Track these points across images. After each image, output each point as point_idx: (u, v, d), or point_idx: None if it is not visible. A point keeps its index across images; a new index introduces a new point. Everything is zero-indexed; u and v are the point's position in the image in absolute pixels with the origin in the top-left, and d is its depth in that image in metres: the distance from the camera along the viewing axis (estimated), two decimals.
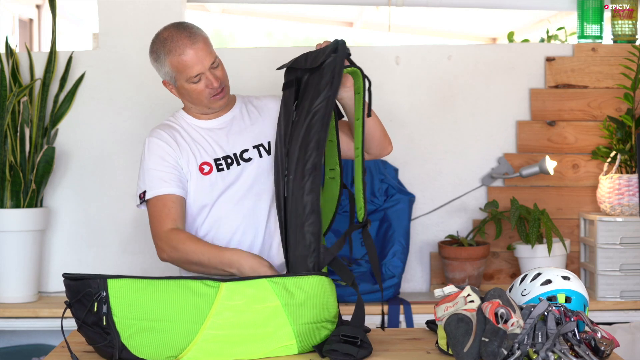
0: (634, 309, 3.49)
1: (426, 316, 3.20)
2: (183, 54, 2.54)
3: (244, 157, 2.63)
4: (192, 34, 2.57)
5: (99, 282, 2.06)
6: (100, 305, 2.06)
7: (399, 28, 6.18)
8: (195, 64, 2.55)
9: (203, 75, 2.57)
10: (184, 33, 2.56)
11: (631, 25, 3.81)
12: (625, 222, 3.52)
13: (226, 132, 2.67)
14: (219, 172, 2.61)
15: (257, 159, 2.63)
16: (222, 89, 2.61)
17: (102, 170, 3.78)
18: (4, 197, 3.53)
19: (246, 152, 2.63)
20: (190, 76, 2.55)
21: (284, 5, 5.50)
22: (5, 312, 3.46)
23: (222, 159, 2.62)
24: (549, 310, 2.01)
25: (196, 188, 2.60)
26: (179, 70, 2.56)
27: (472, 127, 3.81)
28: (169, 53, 2.55)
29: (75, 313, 2.12)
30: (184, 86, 2.59)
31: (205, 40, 2.59)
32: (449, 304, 2.07)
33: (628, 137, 3.63)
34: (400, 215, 3.60)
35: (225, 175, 2.60)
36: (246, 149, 2.63)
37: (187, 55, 2.54)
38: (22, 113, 3.55)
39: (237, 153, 2.63)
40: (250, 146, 2.64)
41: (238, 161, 2.62)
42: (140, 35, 3.76)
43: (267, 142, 2.65)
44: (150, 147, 2.63)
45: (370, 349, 2.14)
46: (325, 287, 2.17)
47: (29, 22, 7.41)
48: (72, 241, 3.78)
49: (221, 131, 2.67)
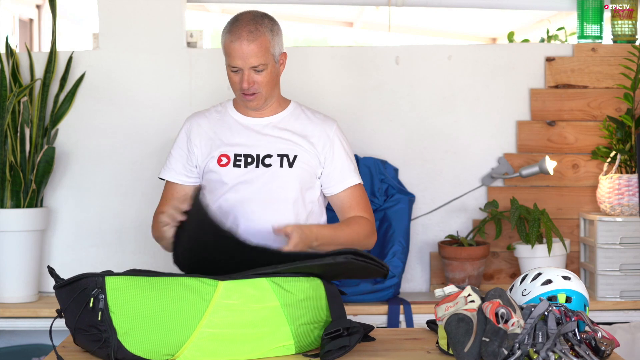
0: (633, 309, 3.49)
1: (426, 316, 3.20)
2: (234, 41, 2.58)
3: (265, 163, 2.64)
4: (255, 31, 2.58)
5: (96, 279, 2.07)
6: (96, 301, 2.06)
7: (399, 28, 6.18)
8: (239, 57, 2.58)
9: (241, 71, 2.60)
10: (250, 26, 2.58)
11: (631, 25, 3.81)
12: (625, 222, 3.52)
13: (257, 131, 2.68)
14: (235, 168, 2.62)
15: (277, 168, 2.64)
16: (254, 94, 2.62)
17: (102, 170, 3.78)
18: (4, 197, 3.53)
19: (269, 157, 2.64)
20: (230, 64, 2.61)
21: (284, 5, 5.50)
22: (5, 312, 3.46)
23: (243, 156, 2.63)
24: (550, 310, 2.01)
25: (210, 177, 2.66)
26: (226, 53, 2.62)
27: (472, 127, 3.81)
28: (227, 33, 2.61)
29: (68, 321, 2.12)
30: (228, 68, 2.64)
31: (264, 42, 2.58)
32: (449, 304, 2.07)
33: (628, 137, 3.63)
34: (400, 215, 3.60)
35: (240, 173, 2.62)
36: (270, 155, 2.64)
37: (235, 45, 2.57)
38: (22, 113, 3.55)
39: (260, 155, 2.64)
40: (275, 154, 2.65)
41: (258, 163, 2.63)
42: (140, 35, 3.77)
43: (293, 156, 2.65)
44: (179, 132, 2.76)
45: (360, 329, 2.15)
46: (321, 288, 2.17)
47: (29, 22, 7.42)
48: (72, 241, 3.78)
49: (253, 130, 2.68)
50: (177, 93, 3.77)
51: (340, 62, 3.80)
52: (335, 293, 2.21)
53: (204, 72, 3.77)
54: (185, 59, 3.77)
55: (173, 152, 2.74)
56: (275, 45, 2.64)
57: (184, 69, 3.77)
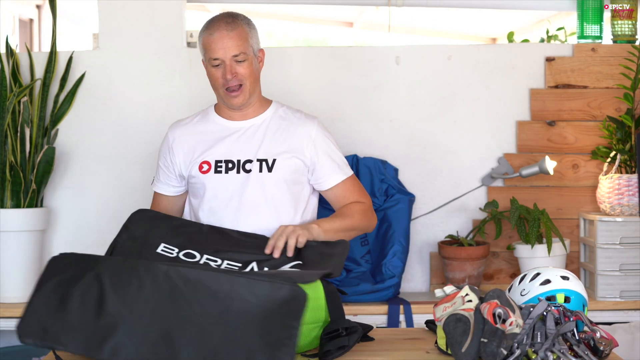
0: (633, 309, 3.49)
1: (426, 316, 3.19)
2: (212, 34, 2.62)
3: (245, 168, 2.64)
4: (233, 22, 2.64)
5: None
6: None
7: (398, 28, 6.18)
8: (219, 47, 2.61)
9: (223, 63, 2.62)
10: (227, 19, 2.64)
11: (631, 25, 3.81)
12: (625, 222, 3.52)
13: (238, 136, 2.70)
14: (216, 174, 2.63)
15: (257, 173, 2.64)
16: (240, 86, 2.63)
17: (102, 170, 3.78)
18: (4, 197, 3.53)
19: (249, 162, 2.65)
20: (211, 57, 2.63)
21: (284, 5, 5.51)
22: (6, 312, 3.46)
23: (224, 162, 2.64)
24: (548, 310, 2.02)
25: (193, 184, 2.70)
26: (205, 49, 2.65)
27: (472, 127, 3.81)
28: (205, 30, 2.67)
29: None
30: (208, 67, 2.67)
31: (243, 33, 2.64)
32: (447, 304, 2.08)
33: (628, 137, 3.63)
34: (400, 215, 3.60)
35: (221, 179, 2.63)
36: (249, 160, 2.65)
37: (214, 36, 2.62)
38: (22, 113, 3.55)
39: (241, 160, 2.65)
40: (255, 158, 2.65)
41: (238, 169, 2.64)
42: (140, 35, 3.77)
43: (272, 160, 2.66)
44: (162, 143, 2.83)
45: (359, 329, 2.15)
46: (320, 288, 2.17)
47: (29, 22, 7.43)
48: (72, 241, 3.78)
49: (236, 134, 2.70)
50: (177, 93, 3.77)
51: (340, 62, 3.80)
52: (334, 293, 2.21)
53: (204, 72, 3.76)
54: (185, 59, 3.77)
55: (159, 163, 2.81)
56: (254, 37, 2.69)
57: (184, 69, 3.77)
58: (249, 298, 1.92)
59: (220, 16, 2.67)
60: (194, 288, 1.93)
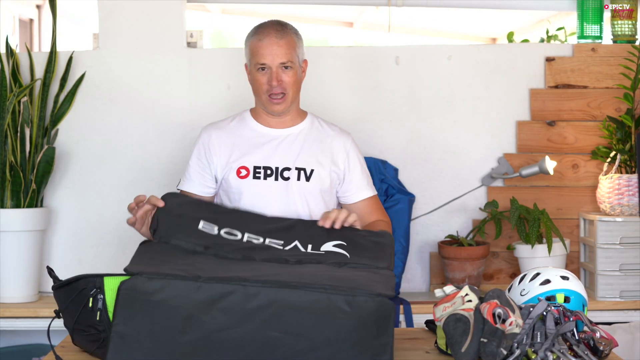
0: (633, 308, 3.49)
1: (426, 316, 3.19)
2: (262, 39, 2.64)
3: (284, 176, 2.66)
4: (282, 31, 2.66)
5: (95, 280, 2.07)
6: (95, 302, 2.06)
7: (398, 28, 6.18)
8: (267, 53, 2.63)
9: (269, 70, 2.63)
10: (276, 26, 2.66)
11: (631, 25, 3.81)
12: (625, 222, 3.52)
13: (276, 144, 2.72)
14: (254, 180, 2.64)
15: (295, 181, 2.67)
16: (283, 95, 2.66)
17: (102, 170, 3.78)
18: (4, 197, 3.53)
19: (287, 170, 2.66)
20: (257, 62, 2.64)
21: (284, 5, 5.50)
22: (5, 312, 3.46)
23: (263, 168, 2.66)
24: (548, 310, 2.02)
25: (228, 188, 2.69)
26: (252, 53, 2.66)
27: (472, 127, 3.81)
28: (253, 35, 2.68)
29: (66, 321, 2.13)
30: (252, 72, 2.68)
31: (291, 42, 2.66)
32: (447, 304, 2.08)
33: (628, 137, 3.63)
34: (400, 215, 3.60)
35: (259, 184, 2.65)
36: (288, 168, 2.66)
37: (263, 42, 2.63)
38: (22, 113, 3.55)
39: (279, 167, 2.66)
40: (294, 167, 2.68)
41: (277, 176, 2.65)
42: (140, 36, 3.77)
43: (310, 170, 2.69)
44: (196, 143, 2.79)
45: None
46: None
47: (29, 22, 7.43)
48: (72, 241, 3.78)
49: (274, 142, 2.71)
50: (177, 93, 3.77)
51: (340, 63, 3.80)
52: None
53: (204, 72, 3.78)
54: (185, 59, 3.77)
55: (191, 163, 2.77)
56: (300, 47, 2.72)
57: (184, 69, 3.77)
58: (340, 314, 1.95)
59: (269, 23, 2.69)
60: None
